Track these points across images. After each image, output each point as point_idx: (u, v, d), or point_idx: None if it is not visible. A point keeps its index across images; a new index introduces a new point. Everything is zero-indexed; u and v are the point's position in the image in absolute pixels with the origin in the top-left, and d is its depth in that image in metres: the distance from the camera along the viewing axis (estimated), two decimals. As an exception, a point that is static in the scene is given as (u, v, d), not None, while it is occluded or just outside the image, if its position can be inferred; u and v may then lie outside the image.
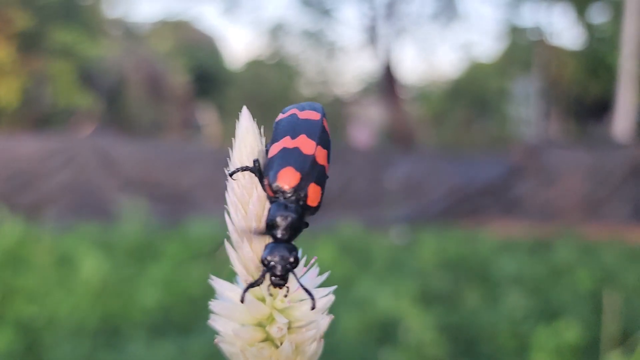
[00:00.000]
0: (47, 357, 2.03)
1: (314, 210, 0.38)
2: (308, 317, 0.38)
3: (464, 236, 4.34)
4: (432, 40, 18.85)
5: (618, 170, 5.50)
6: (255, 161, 0.38)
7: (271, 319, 0.37)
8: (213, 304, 0.37)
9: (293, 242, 0.37)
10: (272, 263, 0.35)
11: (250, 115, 0.39)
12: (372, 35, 11.80)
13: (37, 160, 6.04)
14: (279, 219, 0.36)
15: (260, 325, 0.38)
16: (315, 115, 0.39)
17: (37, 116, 10.83)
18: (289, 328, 0.37)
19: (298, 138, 0.38)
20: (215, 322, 0.38)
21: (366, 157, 6.27)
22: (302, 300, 0.38)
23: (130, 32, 14.63)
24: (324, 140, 0.39)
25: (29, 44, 10.47)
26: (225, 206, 0.38)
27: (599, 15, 11.91)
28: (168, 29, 14.93)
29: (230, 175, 0.38)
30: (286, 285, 0.36)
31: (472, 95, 13.92)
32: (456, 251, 3.63)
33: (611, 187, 5.48)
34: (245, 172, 0.38)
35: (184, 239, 3.82)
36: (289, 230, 0.36)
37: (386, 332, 2.19)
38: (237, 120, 0.41)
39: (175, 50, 14.35)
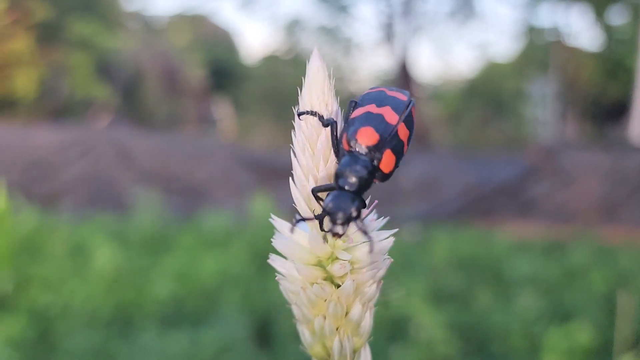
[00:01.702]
0: (60, 346, 2.05)
1: (385, 176, 0.38)
2: (368, 258, 0.38)
3: (478, 236, 4.33)
4: (449, 39, 18.81)
5: (635, 174, 5.46)
6: (331, 120, 0.38)
7: (333, 258, 0.37)
8: (275, 242, 0.37)
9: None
10: (333, 210, 0.35)
11: (320, 57, 0.39)
12: (388, 33, 11.78)
13: (54, 150, 6.08)
14: (348, 170, 0.36)
15: (320, 264, 0.37)
16: (402, 96, 0.40)
17: (55, 107, 10.91)
18: (351, 269, 0.37)
19: (383, 107, 0.39)
20: (274, 261, 0.38)
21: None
22: (362, 242, 0.38)
23: (147, 26, 14.70)
24: (408, 121, 0.40)
25: (47, 35, 10.54)
26: (291, 145, 0.38)
27: (617, 17, 11.82)
28: (185, 23, 14.97)
29: (299, 115, 0.38)
30: (345, 234, 0.36)
31: (488, 95, 13.85)
32: (469, 251, 3.62)
33: (627, 190, 5.44)
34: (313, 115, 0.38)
35: (198, 232, 3.84)
36: (358, 182, 0.36)
37: (397, 329, 2.19)
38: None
39: (192, 44, 14.39)
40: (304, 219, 0.36)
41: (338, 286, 0.37)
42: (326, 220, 0.36)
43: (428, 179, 5.90)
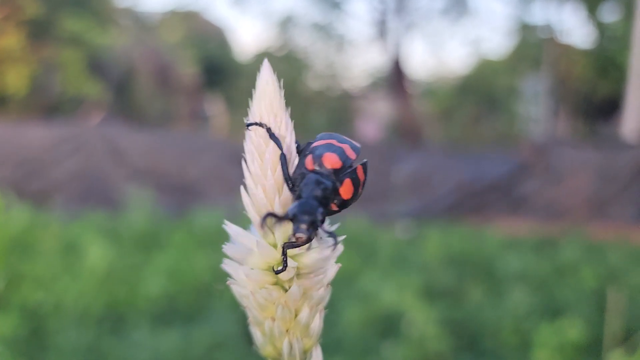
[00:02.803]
0: (52, 343, 2.05)
1: (343, 203, 0.40)
2: (316, 264, 0.39)
3: (470, 232, 4.34)
4: (442, 36, 18.82)
5: (625, 171, 5.48)
6: (279, 143, 0.39)
7: (280, 264, 0.38)
8: (226, 248, 0.39)
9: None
10: (299, 214, 0.36)
11: (270, 69, 0.41)
12: (381, 30, 11.79)
13: (45, 148, 6.06)
14: (314, 184, 0.38)
15: (270, 269, 0.39)
16: (351, 154, 0.41)
17: (46, 104, 10.86)
18: (297, 274, 0.39)
19: (343, 144, 0.41)
20: (227, 265, 0.40)
21: (373, 152, 6.27)
22: (312, 248, 0.39)
23: (139, 22, 14.65)
24: (365, 168, 0.42)
25: (38, 31, 10.49)
26: (243, 154, 0.39)
27: (609, 14, 11.86)
28: (178, 20, 14.93)
29: (248, 126, 0.39)
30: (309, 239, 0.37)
31: (481, 92, 13.88)
32: (461, 247, 3.64)
33: (618, 187, 5.47)
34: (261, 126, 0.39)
35: (190, 229, 3.84)
36: (322, 194, 0.38)
37: (389, 325, 2.20)
38: (247, 110, 0.43)
39: (184, 40, 14.36)
40: (275, 216, 0.37)
41: (287, 290, 0.39)
42: (291, 225, 0.37)
43: (420, 175, 5.91)
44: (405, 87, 11.38)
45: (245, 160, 0.39)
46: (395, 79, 11.27)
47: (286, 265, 0.38)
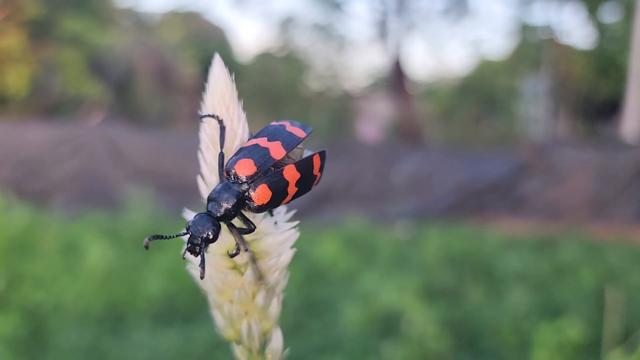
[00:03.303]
0: (52, 343, 2.05)
1: (257, 208, 0.40)
2: (270, 248, 0.41)
3: (469, 233, 4.34)
4: (442, 37, 18.78)
5: (625, 171, 5.48)
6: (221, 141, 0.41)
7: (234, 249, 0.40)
8: (184, 235, 0.40)
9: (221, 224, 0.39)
10: (192, 230, 0.38)
11: (223, 63, 0.41)
12: (382, 30, 11.79)
13: (45, 148, 6.06)
14: (218, 196, 0.39)
15: (227, 255, 0.40)
16: (300, 133, 0.43)
17: (46, 104, 10.86)
18: (253, 259, 0.40)
19: (273, 142, 0.41)
20: (187, 253, 0.40)
21: (373, 152, 6.27)
22: (267, 233, 0.41)
23: (140, 22, 14.65)
24: (301, 165, 0.41)
25: (39, 32, 10.49)
26: (199, 145, 0.42)
27: (610, 15, 11.86)
28: (178, 20, 14.93)
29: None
30: (199, 255, 0.38)
31: (481, 93, 13.87)
32: (461, 247, 3.64)
33: (618, 187, 5.47)
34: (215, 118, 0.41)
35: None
36: (223, 209, 0.39)
37: (389, 325, 2.20)
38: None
39: (185, 41, 14.35)
40: (158, 237, 0.40)
41: (243, 274, 0.41)
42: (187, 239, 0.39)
43: (420, 176, 5.91)
44: (406, 87, 11.38)
45: (201, 150, 0.41)
46: (396, 79, 11.27)
47: (239, 250, 0.39)
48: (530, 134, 12.26)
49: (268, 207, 0.41)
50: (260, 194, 0.40)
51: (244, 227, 0.40)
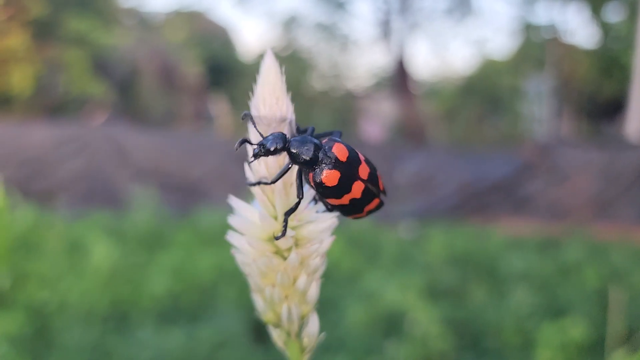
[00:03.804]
0: (57, 341, 2.06)
1: (319, 184, 0.43)
2: (313, 235, 0.43)
3: (473, 232, 4.34)
4: (446, 36, 18.76)
5: (629, 171, 5.47)
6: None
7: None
8: (231, 219, 0.43)
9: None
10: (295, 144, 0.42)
11: (273, 56, 0.45)
12: (385, 30, 11.78)
13: (50, 148, 6.08)
14: (305, 139, 0.43)
15: (270, 239, 0.42)
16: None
17: (50, 104, 10.88)
18: (295, 243, 0.42)
19: (365, 163, 0.47)
20: (231, 236, 0.43)
21: (377, 152, 6.27)
22: (310, 221, 0.43)
23: (144, 22, 14.67)
24: (372, 168, 0.48)
25: (43, 31, 10.51)
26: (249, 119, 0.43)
27: (614, 14, 11.83)
28: (182, 20, 14.94)
29: (242, 118, 0.44)
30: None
31: (485, 92, 13.86)
32: (464, 247, 3.64)
33: (621, 187, 5.46)
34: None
35: (194, 228, 3.85)
36: (300, 150, 0.42)
37: (392, 324, 2.20)
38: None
39: (188, 40, 14.37)
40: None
41: (286, 259, 0.42)
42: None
43: (424, 175, 5.91)
44: (409, 87, 11.37)
45: (249, 142, 0.42)
46: (399, 79, 11.26)
47: (285, 233, 0.40)
48: (534, 134, 12.24)
49: (327, 194, 0.42)
50: (330, 176, 0.42)
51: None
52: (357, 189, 0.43)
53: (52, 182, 5.87)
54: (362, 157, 0.44)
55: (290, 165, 0.42)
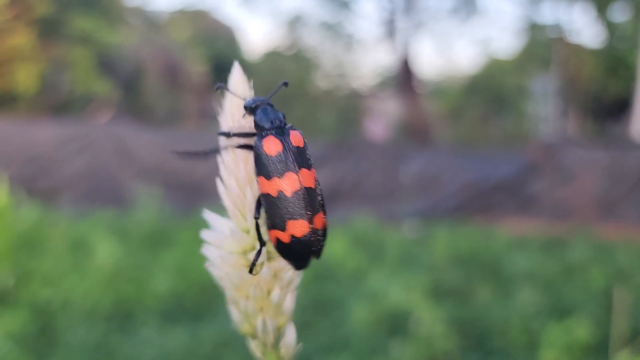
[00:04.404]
0: (60, 340, 2.06)
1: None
2: None
3: (477, 232, 4.33)
4: (451, 35, 18.75)
5: (634, 171, 5.45)
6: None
7: (253, 248, 0.42)
8: (204, 233, 0.44)
9: None
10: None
11: (241, 70, 0.46)
12: (390, 29, 11.77)
13: (54, 146, 6.09)
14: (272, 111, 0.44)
15: (245, 253, 0.43)
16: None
17: (55, 102, 10.90)
18: (269, 257, 0.42)
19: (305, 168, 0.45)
20: (206, 249, 0.44)
21: (381, 151, 6.26)
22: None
23: (149, 21, 14.68)
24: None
25: (48, 30, 10.53)
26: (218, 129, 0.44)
27: (619, 14, 11.79)
28: (187, 18, 14.95)
29: (216, 89, 0.46)
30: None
31: (490, 92, 13.83)
32: (469, 247, 3.63)
33: (627, 187, 5.44)
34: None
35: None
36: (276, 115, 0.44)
37: (397, 324, 2.20)
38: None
39: (193, 39, 14.38)
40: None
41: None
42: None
43: (428, 175, 5.90)
44: (414, 86, 11.35)
45: (220, 154, 0.44)
46: (404, 78, 11.25)
47: (252, 269, 0.40)
48: (539, 134, 12.22)
49: (259, 164, 0.43)
50: (272, 143, 0.42)
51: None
52: (290, 182, 0.42)
53: (56, 181, 5.88)
54: (313, 171, 0.43)
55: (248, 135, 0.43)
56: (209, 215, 0.45)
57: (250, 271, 0.42)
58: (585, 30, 18.55)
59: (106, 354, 1.98)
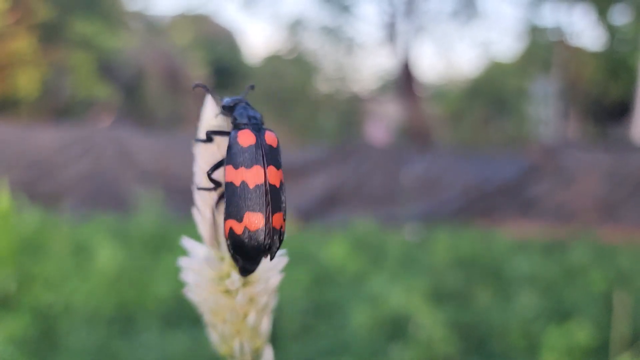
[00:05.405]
0: (62, 344, 2.06)
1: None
2: (260, 274, 0.44)
3: (478, 235, 4.33)
4: (451, 38, 18.74)
5: (635, 173, 5.46)
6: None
7: (228, 275, 0.44)
8: (182, 260, 0.45)
9: None
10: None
11: (214, 104, 0.48)
12: (391, 33, 11.78)
13: (55, 150, 6.10)
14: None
15: (221, 279, 0.44)
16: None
17: (57, 107, 10.92)
18: (244, 283, 0.44)
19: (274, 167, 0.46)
20: (185, 275, 0.45)
21: (382, 154, 6.27)
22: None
23: (150, 25, 14.71)
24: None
25: (49, 34, 10.55)
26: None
27: (620, 17, 11.80)
28: (187, 23, 14.98)
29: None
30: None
31: (491, 95, 13.84)
32: (470, 250, 3.63)
33: (628, 189, 5.44)
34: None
35: (198, 231, 3.84)
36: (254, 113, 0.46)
37: (397, 327, 2.20)
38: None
39: (194, 43, 14.40)
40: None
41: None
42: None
43: (429, 178, 5.90)
44: (415, 89, 11.36)
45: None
46: (405, 81, 11.26)
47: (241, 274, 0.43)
48: (540, 136, 12.22)
49: (231, 153, 0.44)
50: (247, 135, 0.43)
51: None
52: (256, 175, 0.43)
53: (57, 185, 5.89)
54: (281, 172, 0.43)
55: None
56: (187, 242, 0.46)
57: (243, 275, 0.43)
58: (586, 32, 18.54)
59: (108, 358, 1.98)
